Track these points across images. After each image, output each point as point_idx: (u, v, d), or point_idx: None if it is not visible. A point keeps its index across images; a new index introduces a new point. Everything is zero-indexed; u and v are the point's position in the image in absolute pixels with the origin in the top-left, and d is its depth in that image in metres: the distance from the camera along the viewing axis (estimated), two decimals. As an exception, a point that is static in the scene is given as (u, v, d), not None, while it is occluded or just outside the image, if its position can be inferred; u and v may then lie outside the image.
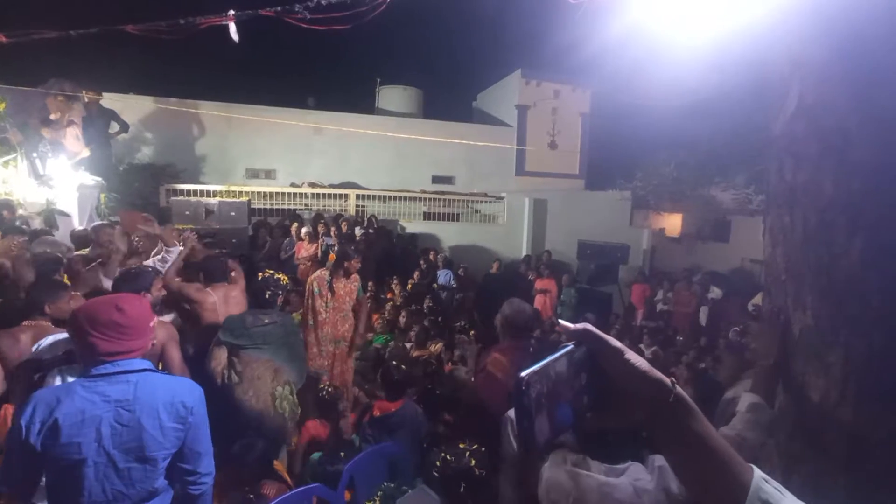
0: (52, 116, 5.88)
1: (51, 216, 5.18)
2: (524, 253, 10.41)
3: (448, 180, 12.98)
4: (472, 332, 5.60)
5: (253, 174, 11.62)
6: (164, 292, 2.77)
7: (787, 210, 1.40)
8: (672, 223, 14.00)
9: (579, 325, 0.56)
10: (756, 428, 1.27)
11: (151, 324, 1.58)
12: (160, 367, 2.34)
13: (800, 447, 1.35)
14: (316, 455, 2.65)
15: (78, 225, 5.40)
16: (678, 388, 0.55)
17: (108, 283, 3.26)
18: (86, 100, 6.53)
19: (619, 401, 0.54)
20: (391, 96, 14.01)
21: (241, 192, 9.33)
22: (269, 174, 11.78)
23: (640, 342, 6.37)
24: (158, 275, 2.62)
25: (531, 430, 0.48)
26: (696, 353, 5.82)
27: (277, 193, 10.01)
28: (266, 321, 2.74)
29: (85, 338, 1.44)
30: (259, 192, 9.83)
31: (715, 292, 8.37)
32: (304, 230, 7.27)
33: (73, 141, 5.99)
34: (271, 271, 3.04)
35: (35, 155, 5.63)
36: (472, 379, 3.55)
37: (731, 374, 2.56)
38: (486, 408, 2.22)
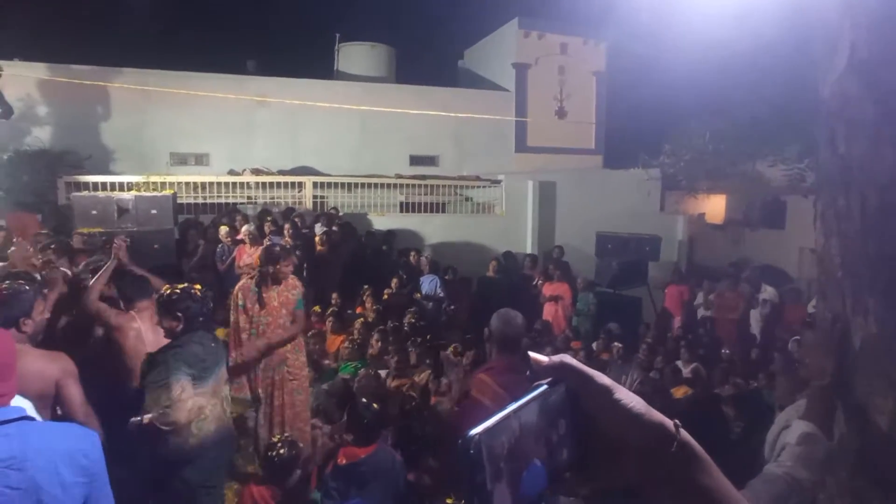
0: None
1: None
2: (529, 250, 10.46)
3: (430, 161, 13.01)
4: (459, 352, 5.56)
5: (180, 160, 11.53)
6: (47, 316, 2.75)
7: (841, 190, 1.42)
8: (713, 207, 14.18)
9: (555, 359, 0.55)
10: (810, 464, 1.29)
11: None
12: (58, 411, 2.32)
13: (865, 485, 1.37)
14: None
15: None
16: (683, 433, 0.54)
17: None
18: None
19: (608, 453, 0.53)
20: (355, 56, 13.99)
21: (164, 184, 9.26)
22: (200, 159, 11.70)
23: (678, 357, 6.44)
24: (39, 296, 2.58)
25: None
26: (745, 369, 5.89)
27: (212, 184, 9.95)
28: (213, 345, 2.93)
29: None
30: (188, 183, 9.77)
31: (768, 292, 8.47)
32: (244, 229, 7.20)
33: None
34: (186, 284, 3.05)
35: None
36: (454, 409, 3.55)
37: (788, 398, 2.61)
38: None
